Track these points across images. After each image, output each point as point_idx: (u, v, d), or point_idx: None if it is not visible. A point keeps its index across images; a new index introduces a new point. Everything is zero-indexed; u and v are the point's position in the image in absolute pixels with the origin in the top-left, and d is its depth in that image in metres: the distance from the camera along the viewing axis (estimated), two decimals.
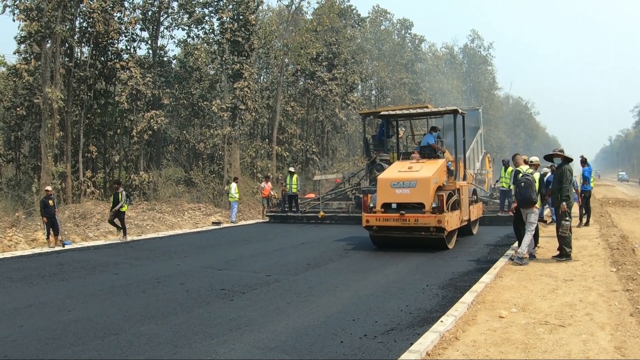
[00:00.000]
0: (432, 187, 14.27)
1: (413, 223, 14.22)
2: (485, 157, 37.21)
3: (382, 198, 14.77)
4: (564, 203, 12.29)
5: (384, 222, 14.66)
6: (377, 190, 15.04)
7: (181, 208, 27.31)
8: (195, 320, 8.17)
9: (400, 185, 14.59)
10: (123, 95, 27.34)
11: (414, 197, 14.36)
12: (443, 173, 15.35)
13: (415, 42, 65.08)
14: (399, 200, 14.55)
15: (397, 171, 15.41)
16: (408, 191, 14.43)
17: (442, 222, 13.83)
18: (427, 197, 14.17)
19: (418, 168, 15.15)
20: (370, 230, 15.30)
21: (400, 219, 14.34)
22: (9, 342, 7.25)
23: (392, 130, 18.81)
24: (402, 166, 15.75)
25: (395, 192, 14.58)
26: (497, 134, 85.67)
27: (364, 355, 6.39)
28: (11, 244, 17.07)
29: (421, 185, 14.33)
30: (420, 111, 18.20)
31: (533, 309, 8.15)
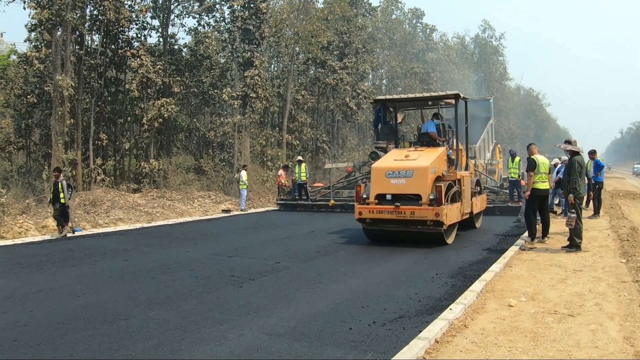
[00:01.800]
0: (429, 177, 13.30)
1: (409, 216, 13.28)
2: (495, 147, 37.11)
3: (376, 189, 13.87)
4: (570, 195, 12.30)
5: (378, 215, 13.73)
6: (371, 180, 14.19)
7: (191, 196, 27.38)
8: (204, 306, 8.21)
9: (395, 174, 13.62)
10: (133, 83, 27.36)
11: (410, 188, 13.43)
12: (443, 162, 14.34)
13: (427, 32, 64.89)
14: (394, 191, 13.61)
15: (392, 160, 14.41)
16: (404, 181, 13.48)
17: (440, 215, 12.87)
18: (424, 187, 13.22)
19: (415, 156, 14.13)
20: (363, 223, 14.33)
21: (395, 212, 13.39)
22: (19, 327, 7.29)
23: (389, 115, 17.32)
24: (398, 154, 14.74)
25: (390, 183, 13.64)
26: (508, 124, 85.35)
27: (372, 342, 6.40)
28: (21, 231, 17.13)
29: (418, 175, 13.37)
30: (419, 95, 16.96)
31: (542, 299, 8.14)
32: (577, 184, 12.34)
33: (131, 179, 29.56)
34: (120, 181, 28.64)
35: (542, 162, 13.20)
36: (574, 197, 12.35)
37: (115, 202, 23.05)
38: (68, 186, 16.72)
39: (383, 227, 14.04)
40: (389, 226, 13.88)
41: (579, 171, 12.40)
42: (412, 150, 14.98)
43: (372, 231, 14.49)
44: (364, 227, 14.46)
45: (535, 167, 13.06)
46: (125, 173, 30.52)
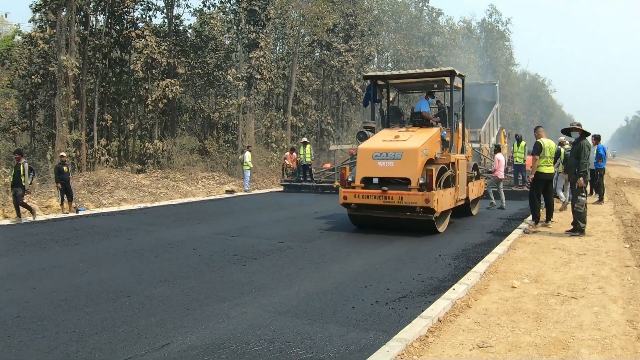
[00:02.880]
0: (420, 160, 12.30)
1: (397, 202, 12.30)
2: (500, 132, 37.13)
3: (362, 171, 12.92)
4: (580, 178, 12.23)
5: (364, 200, 12.76)
6: (357, 162, 13.26)
7: (195, 177, 27.40)
8: (207, 284, 8.23)
9: (383, 156, 12.60)
10: (138, 63, 27.26)
11: (399, 171, 12.45)
12: (436, 144, 13.32)
13: (433, 15, 64.46)
14: (381, 174, 12.63)
15: (381, 140, 13.36)
16: (392, 164, 12.48)
17: (430, 201, 11.90)
18: (413, 171, 12.23)
19: (406, 137, 13.12)
20: (348, 208, 13.35)
21: (382, 197, 12.42)
22: (22, 303, 7.32)
23: (379, 94, 15.93)
24: (387, 135, 13.69)
25: (377, 165, 12.63)
26: (513, 110, 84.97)
27: (375, 321, 6.40)
28: (25, 211, 17.15)
29: (407, 157, 12.36)
30: (411, 72, 15.67)
31: (545, 281, 8.12)
32: (586, 167, 12.31)
33: (135, 159, 29.59)
34: (124, 162, 28.66)
35: (549, 146, 13.12)
36: (584, 181, 12.32)
37: (119, 182, 23.06)
38: (30, 169, 16.02)
39: (369, 213, 13.15)
40: (376, 212, 12.99)
41: (588, 155, 12.33)
42: (403, 130, 14.03)
43: (358, 217, 13.71)
44: (349, 212, 13.59)
45: (541, 151, 12.99)
46: (130, 154, 30.55)
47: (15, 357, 5.45)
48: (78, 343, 5.79)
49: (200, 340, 5.84)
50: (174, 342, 5.77)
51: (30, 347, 5.72)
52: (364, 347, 5.57)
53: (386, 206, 12.56)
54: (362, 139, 14.11)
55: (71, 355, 5.49)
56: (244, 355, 5.40)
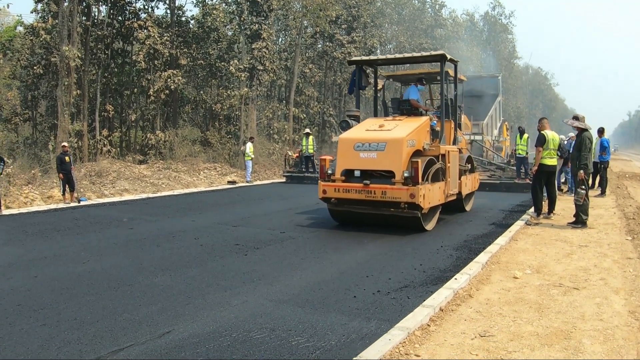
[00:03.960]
0: (405, 151, 11.33)
1: (379, 196, 11.37)
2: (503, 124, 37.15)
3: (343, 163, 11.97)
4: (581, 171, 12.22)
5: (344, 194, 11.82)
6: (338, 153, 12.23)
7: (197, 167, 27.43)
8: (208, 273, 8.23)
9: (365, 147, 11.62)
10: (140, 54, 27.23)
11: (382, 164, 11.49)
12: (424, 134, 12.38)
13: (436, 8, 64.34)
14: (363, 166, 11.69)
15: (364, 130, 12.39)
16: (375, 155, 11.51)
17: (415, 196, 10.91)
18: (397, 163, 11.27)
19: (391, 127, 12.12)
20: (328, 203, 12.46)
21: (364, 191, 11.49)
22: (23, 291, 7.32)
23: (365, 80, 14.83)
24: (372, 124, 12.69)
25: (359, 157, 11.67)
26: (516, 103, 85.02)
27: (376, 310, 6.39)
28: (27, 201, 17.18)
29: (391, 148, 11.38)
30: (399, 56, 14.80)
31: (547, 272, 8.11)
32: (587, 160, 12.25)
33: (137, 150, 29.59)
34: (126, 152, 28.67)
35: (552, 138, 13.09)
36: (585, 173, 12.29)
37: (121, 173, 23.09)
38: (0, 159, 15.40)
39: (350, 208, 12.18)
40: (358, 208, 12.03)
41: (589, 147, 12.30)
42: (389, 119, 13.01)
43: (338, 212, 12.73)
44: (329, 207, 12.65)
45: (545, 143, 12.96)
46: (131, 144, 30.56)
47: (16, 345, 5.45)
48: (79, 331, 5.79)
49: (201, 328, 5.83)
50: (175, 330, 5.77)
51: (31, 334, 5.71)
52: (366, 336, 5.56)
53: (368, 201, 11.68)
54: (345, 128, 13.21)
55: (72, 342, 5.48)
56: (245, 343, 5.40)
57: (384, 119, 13.06)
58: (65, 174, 16.96)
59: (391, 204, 11.39)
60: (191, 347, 5.33)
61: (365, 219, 12.39)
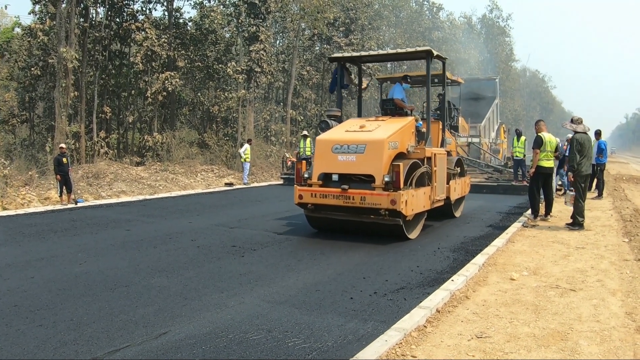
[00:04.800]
0: (386, 154, 10.57)
1: (358, 202, 10.54)
2: (500, 127, 37.23)
3: (320, 166, 11.19)
4: (570, 173, 12.35)
5: (321, 200, 11.02)
6: (315, 155, 11.47)
7: (194, 169, 27.41)
8: (205, 274, 8.22)
9: (344, 149, 10.86)
10: (138, 56, 27.27)
11: (361, 167, 10.73)
12: (408, 136, 11.66)
13: (433, 10, 64.46)
14: (341, 170, 10.93)
15: (344, 131, 11.60)
16: (354, 158, 10.74)
17: (397, 202, 10.11)
18: (377, 166, 10.51)
19: (372, 127, 11.37)
20: (305, 209, 11.69)
21: (342, 196, 10.67)
22: (19, 292, 7.30)
23: (347, 78, 14.19)
24: (352, 125, 11.92)
25: (338, 159, 10.90)
26: (513, 105, 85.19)
27: (373, 311, 6.39)
28: (24, 202, 17.17)
29: (371, 150, 10.63)
30: (382, 52, 14.15)
31: (544, 273, 8.12)
32: (574, 162, 12.29)
33: (134, 152, 29.61)
34: (123, 154, 28.69)
35: (549, 141, 13.13)
36: (573, 175, 12.36)
37: (118, 174, 23.08)
38: None
39: (328, 214, 11.43)
40: (336, 214, 11.27)
41: (577, 149, 12.29)
42: (371, 120, 12.32)
43: (316, 219, 11.97)
44: (306, 213, 11.90)
45: (542, 145, 13.00)
46: (129, 146, 30.56)
47: (12, 345, 5.44)
48: (75, 332, 5.79)
49: (198, 329, 5.83)
50: (171, 331, 5.76)
51: (28, 335, 5.71)
52: (362, 337, 5.56)
53: (347, 207, 10.84)
54: (324, 129, 12.45)
55: (68, 343, 5.48)
56: (241, 344, 5.40)
57: (366, 120, 12.42)
58: (62, 176, 16.92)
59: (371, 211, 10.64)
60: (188, 348, 5.33)
61: (345, 226, 11.68)
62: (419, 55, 13.20)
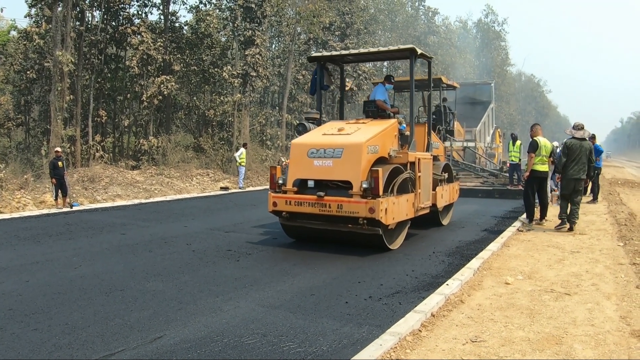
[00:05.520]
0: (364, 158, 9.90)
1: (335, 211, 9.81)
2: (495, 131, 37.32)
3: (295, 172, 10.56)
4: (556, 174, 13.33)
5: (296, 207, 10.33)
6: (290, 160, 10.91)
7: (189, 173, 27.38)
8: (200, 278, 8.22)
9: (320, 154, 10.20)
10: (134, 60, 27.26)
11: (337, 173, 10.03)
12: (390, 139, 11.00)
13: (429, 15, 64.55)
14: (317, 176, 10.26)
15: (321, 134, 10.98)
16: (330, 163, 10.06)
17: (375, 210, 9.43)
18: (355, 172, 9.81)
19: (351, 130, 10.72)
20: (280, 217, 10.95)
21: (318, 204, 9.97)
22: (14, 296, 7.29)
23: (327, 79, 13.41)
24: (331, 128, 11.30)
25: (313, 165, 10.24)
26: (508, 110, 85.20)
27: (368, 316, 6.40)
28: (19, 206, 17.14)
29: (348, 154, 9.94)
30: (364, 51, 13.26)
31: (539, 277, 8.14)
32: (559, 164, 12.78)
33: (130, 156, 29.56)
34: (119, 158, 28.63)
35: (544, 145, 13.20)
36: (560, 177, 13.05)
37: (113, 178, 23.04)
38: None
39: (304, 223, 10.72)
40: (312, 223, 10.57)
41: (564, 153, 12.64)
42: (351, 122, 11.72)
43: (291, 228, 11.29)
44: (281, 222, 11.15)
45: (537, 149, 13.05)
46: (124, 150, 30.51)
47: (7, 349, 5.43)
48: (70, 336, 5.78)
49: (193, 333, 5.83)
50: (166, 335, 5.76)
51: (23, 339, 5.70)
52: (357, 341, 5.56)
53: (323, 216, 10.14)
54: (301, 132, 11.81)
55: (63, 347, 5.47)
56: (236, 349, 5.40)
57: (346, 122, 11.82)
58: (58, 179, 16.89)
59: (349, 220, 9.92)
60: (182, 352, 5.32)
61: (322, 236, 11.02)
62: (402, 54, 12.53)
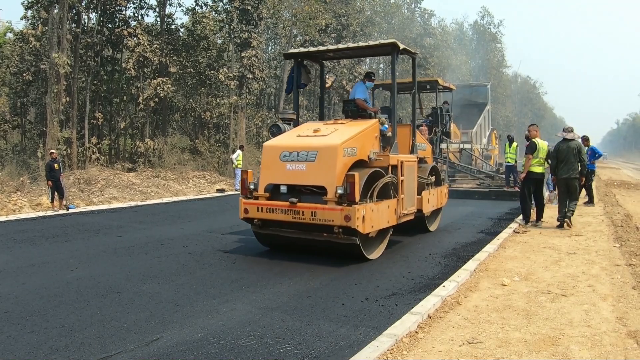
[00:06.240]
0: (340, 162, 9.16)
1: (308, 218, 9.11)
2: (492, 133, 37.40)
3: (267, 177, 9.84)
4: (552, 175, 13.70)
5: (268, 215, 9.61)
6: (262, 164, 10.15)
7: (186, 176, 27.37)
8: (197, 280, 8.21)
9: (293, 157, 9.48)
10: (130, 62, 27.24)
11: (311, 177, 9.32)
12: (370, 141, 10.31)
13: (425, 17, 64.64)
14: (290, 181, 9.57)
15: (295, 136, 10.29)
16: (303, 167, 9.35)
17: (351, 218, 8.67)
18: (330, 177, 9.06)
19: (328, 132, 10.00)
20: (252, 225, 10.23)
21: (291, 211, 9.27)
22: (11, 299, 7.27)
23: (305, 77, 12.48)
24: (306, 129, 10.58)
25: (286, 168, 9.52)
26: (505, 112, 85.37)
27: (365, 318, 6.40)
28: (15, 208, 17.10)
29: (323, 157, 9.22)
30: (342, 46, 11.93)
31: (535, 279, 8.14)
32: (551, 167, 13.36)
33: (126, 158, 29.54)
34: (115, 160, 28.61)
35: (542, 147, 13.23)
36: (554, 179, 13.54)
37: (109, 180, 23.01)
38: None
39: (277, 231, 10.03)
40: (285, 231, 9.89)
41: (553, 155, 13.21)
42: (329, 123, 10.94)
43: (264, 236, 10.49)
44: (253, 229, 10.42)
45: (536, 151, 13.08)
46: (120, 152, 30.48)
47: (3, 352, 5.42)
48: (67, 338, 5.77)
49: (189, 335, 5.82)
50: (163, 338, 5.75)
51: (19, 341, 5.69)
52: (354, 343, 5.56)
53: (296, 223, 9.45)
54: (275, 134, 11.14)
55: (60, 350, 5.46)
56: (233, 351, 5.39)
57: (324, 123, 11.04)
58: (54, 182, 16.89)
59: (323, 228, 9.22)
60: (179, 354, 5.32)
61: (296, 245, 10.31)
62: (383, 49, 11.94)
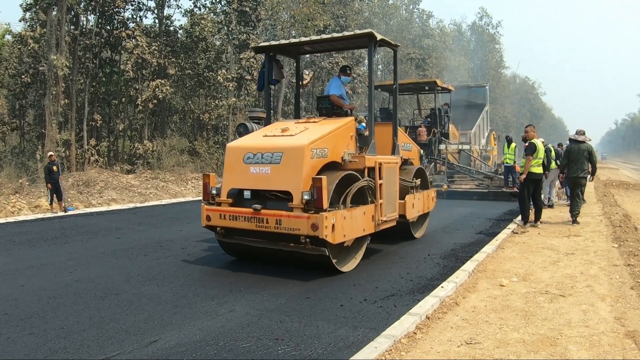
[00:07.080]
0: (307, 164, 8.29)
1: (273, 227, 8.22)
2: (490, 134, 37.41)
3: (230, 181, 8.97)
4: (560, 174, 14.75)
5: (232, 222, 8.73)
6: (224, 167, 9.21)
7: (184, 177, 27.36)
8: (196, 282, 8.22)
9: (257, 159, 8.60)
10: (128, 63, 27.27)
11: (276, 181, 8.44)
12: (345, 141, 9.42)
13: (423, 18, 64.67)
14: (253, 185, 8.71)
15: (261, 136, 9.41)
16: (268, 170, 8.45)
17: (319, 227, 7.79)
18: (296, 181, 8.19)
19: (296, 131, 9.13)
20: (216, 234, 9.31)
21: (255, 219, 8.40)
22: (10, 301, 7.27)
23: (277, 72, 11.26)
24: (275, 128, 9.69)
25: (250, 172, 8.64)
26: (503, 112, 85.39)
27: (363, 318, 6.40)
28: (14, 210, 17.10)
29: (288, 160, 8.35)
30: (316, 38, 10.59)
31: (534, 279, 8.15)
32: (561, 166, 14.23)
33: (125, 160, 29.52)
34: (113, 162, 28.60)
35: (540, 148, 13.26)
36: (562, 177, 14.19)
37: (108, 182, 23.00)
38: None
39: (241, 240, 9.08)
40: (250, 240, 8.93)
41: (566, 156, 13.94)
42: (301, 121, 10.05)
43: (228, 245, 9.54)
44: (217, 238, 9.46)
45: (535, 152, 13.09)
46: (119, 154, 30.47)
47: (2, 354, 5.43)
48: (66, 340, 5.77)
49: (188, 337, 5.82)
50: (162, 339, 5.76)
51: (18, 343, 5.69)
52: (352, 344, 5.56)
53: (260, 232, 8.52)
54: (242, 134, 10.34)
55: (58, 351, 5.46)
56: (231, 352, 5.40)
57: (295, 122, 10.09)
58: (53, 184, 16.88)
59: (290, 237, 8.28)
60: (178, 356, 5.32)
61: (263, 255, 9.36)
62: (360, 40, 10.69)
